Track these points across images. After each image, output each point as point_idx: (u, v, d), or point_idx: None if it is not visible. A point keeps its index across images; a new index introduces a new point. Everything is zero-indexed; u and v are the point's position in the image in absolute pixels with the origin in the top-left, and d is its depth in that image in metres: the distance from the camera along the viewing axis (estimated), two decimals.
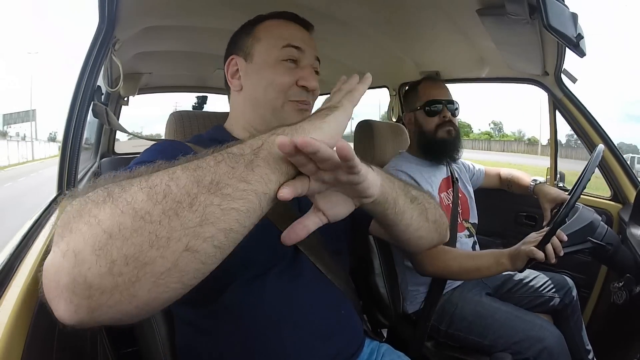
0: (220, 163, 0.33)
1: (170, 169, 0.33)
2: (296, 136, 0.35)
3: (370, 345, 0.68)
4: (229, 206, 0.32)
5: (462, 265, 0.93)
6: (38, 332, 0.44)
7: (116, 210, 0.29)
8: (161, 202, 0.29)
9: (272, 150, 0.36)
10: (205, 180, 0.32)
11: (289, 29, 0.66)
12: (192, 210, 0.30)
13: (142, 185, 0.31)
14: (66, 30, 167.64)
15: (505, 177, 1.36)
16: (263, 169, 0.35)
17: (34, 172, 13.76)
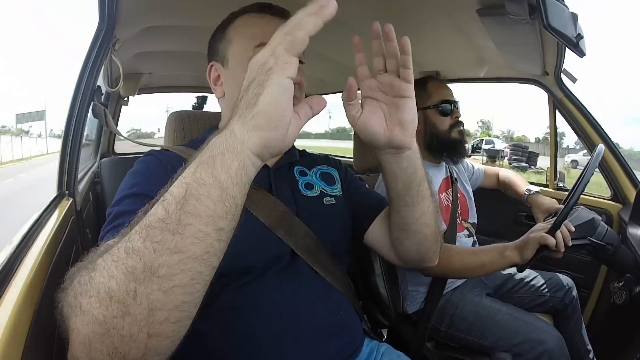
0: (146, 241, 0.31)
1: (106, 262, 0.32)
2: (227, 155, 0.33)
3: (369, 345, 0.68)
4: (169, 285, 0.31)
5: (465, 261, 0.91)
6: (38, 332, 0.44)
7: (84, 320, 0.31)
8: (110, 305, 0.31)
9: (200, 193, 0.32)
10: (137, 269, 0.31)
11: (261, 25, 0.63)
12: (137, 304, 0.31)
13: (89, 287, 0.32)
14: (66, 30, 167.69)
15: (502, 180, 1.36)
16: (194, 227, 0.32)
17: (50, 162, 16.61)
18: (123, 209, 0.51)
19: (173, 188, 0.33)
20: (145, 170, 0.58)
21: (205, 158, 0.34)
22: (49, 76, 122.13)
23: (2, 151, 22.86)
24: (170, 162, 0.60)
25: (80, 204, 0.86)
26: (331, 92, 2.26)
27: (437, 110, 1.14)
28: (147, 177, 0.57)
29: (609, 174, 1.23)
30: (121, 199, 0.53)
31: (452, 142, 1.13)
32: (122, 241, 0.33)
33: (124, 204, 0.52)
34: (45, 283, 0.50)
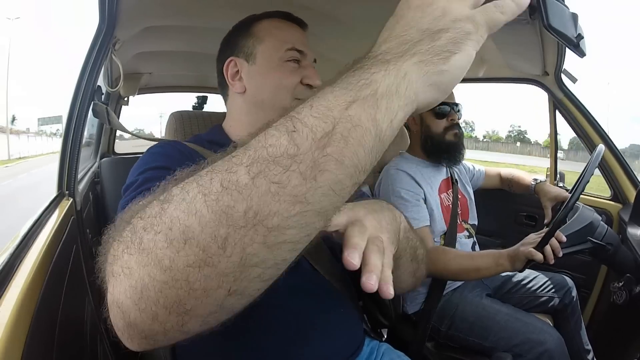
0: (258, 177, 0.23)
1: (187, 197, 0.25)
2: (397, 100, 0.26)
3: (370, 345, 0.68)
4: (278, 240, 0.24)
5: (461, 265, 0.93)
6: (38, 332, 0.44)
7: (142, 259, 0.25)
8: (183, 248, 0.24)
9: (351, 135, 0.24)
10: (237, 211, 0.23)
11: (290, 31, 0.66)
12: (224, 255, 0.23)
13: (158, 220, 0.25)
14: (66, 30, 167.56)
15: (505, 177, 1.36)
16: (333, 174, 0.24)
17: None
18: (151, 175, 0.48)
19: (310, 118, 0.24)
20: (162, 151, 0.58)
21: (367, 93, 0.25)
22: (49, 76, 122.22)
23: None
24: (184, 149, 0.60)
25: (80, 204, 0.87)
26: None
27: (432, 112, 1.13)
28: (165, 156, 0.56)
29: (609, 174, 1.23)
30: (144, 170, 0.50)
31: (447, 145, 1.13)
32: (215, 170, 0.25)
33: (149, 173, 0.49)
34: (45, 283, 0.50)
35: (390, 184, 1.08)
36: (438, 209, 1.10)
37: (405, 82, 0.26)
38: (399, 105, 0.26)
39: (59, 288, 0.58)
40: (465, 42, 0.28)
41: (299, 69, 0.65)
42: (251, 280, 0.25)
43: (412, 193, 1.06)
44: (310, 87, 0.64)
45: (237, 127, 0.69)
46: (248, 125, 0.68)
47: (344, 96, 0.25)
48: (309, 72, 0.64)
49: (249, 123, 0.68)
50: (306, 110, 0.25)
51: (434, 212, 1.08)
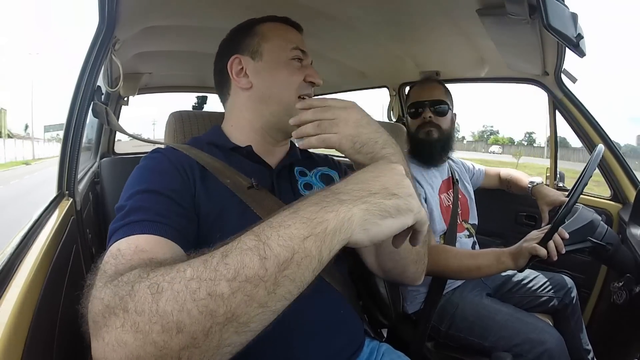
0: (236, 292, 0.32)
1: (179, 299, 0.31)
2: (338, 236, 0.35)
3: (370, 345, 0.68)
4: (245, 329, 0.33)
5: (462, 263, 0.93)
6: (38, 332, 0.44)
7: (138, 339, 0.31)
8: (176, 336, 0.31)
9: (302, 263, 0.33)
10: (218, 313, 0.31)
11: (292, 32, 0.71)
12: (208, 340, 0.31)
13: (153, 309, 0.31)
14: (66, 30, 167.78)
15: (504, 178, 1.36)
16: (286, 288, 0.33)
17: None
18: (136, 204, 0.50)
19: (276, 247, 0.33)
20: (154, 166, 0.58)
21: (319, 231, 0.34)
22: (49, 77, 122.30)
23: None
24: (178, 160, 0.60)
25: (80, 204, 0.86)
26: (331, 92, 2.27)
27: (409, 114, 1.18)
28: (156, 173, 0.56)
29: (609, 174, 1.23)
30: (134, 194, 0.52)
31: (419, 143, 1.14)
32: (202, 279, 0.32)
33: (136, 199, 0.51)
34: (45, 283, 0.50)
35: None
36: (437, 209, 1.10)
37: (347, 223, 0.35)
38: (338, 240, 0.35)
39: (59, 288, 0.58)
40: (404, 214, 0.38)
41: (301, 68, 0.68)
42: (224, 354, 0.33)
43: None
44: (312, 84, 0.68)
45: (238, 126, 0.69)
46: (246, 124, 0.68)
47: (302, 230, 0.34)
48: (311, 71, 0.68)
49: (251, 120, 0.68)
50: (274, 236, 0.34)
51: (433, 212, 1.08)
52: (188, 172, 0.58)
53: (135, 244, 0.43)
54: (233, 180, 0.61)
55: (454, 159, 1.28)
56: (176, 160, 0.60)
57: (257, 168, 0.66)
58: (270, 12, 0.72)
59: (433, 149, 1.12)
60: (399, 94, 1.76)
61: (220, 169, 0.62)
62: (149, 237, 0.45)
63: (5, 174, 16.16)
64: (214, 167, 0.61)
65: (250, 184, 0.61)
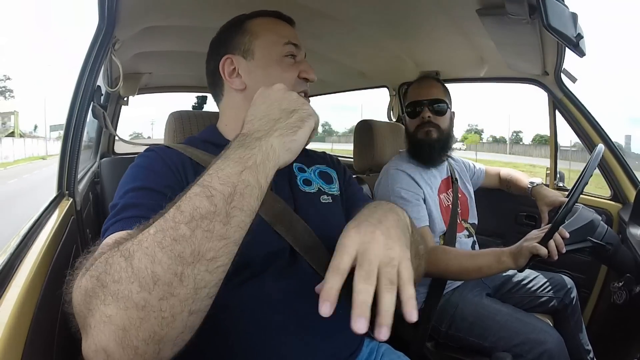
0: (195, 230, 0.34)
1: (148, 248, 0.33)
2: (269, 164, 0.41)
3: (369, 346, 0.68)
4: (214, 266, 0.35)
5: (462, 265, 0.93)
6: (38, 332, 0.44)
7: (120, 306, 0.32)
8: (153, 289, 0.32)
9: (245, 192, 0.37)
10: (185, 254, 0.33)
11: (283, 27, 0.69)
12: (183, 285, 0.33)
13: (128, 272, 0.33)
14: (66, 30, 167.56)
15: (504, 178, 1.36)
16: (239, 217, 0.37)
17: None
18: (130, 201, 0.51)
19: (218, 185, 0.37)
20: (147, 164, 0.58)
21: (250, 164, 0.39)
22: (50, 78, 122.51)
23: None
24: (171, 159, 0.60)
25: (80, 204, 0.87)
26: (331, 92, 2.27)
27: (407, 113, 1.18)
28: (149, 171, 0.57)
29: (609, 174, 1.23)
30: (126, 192, 0.53)
31: (419, 143, 1.13)
32: (164, 229, 0.34)
33: (129, 197, 0.51)
34: (45, 283, 0.50)
35: (390, 183, 1.08)
36: (437, 209, 1.10)
37: (271, 151, 0.42)
38: (269, 167, 0.41)
39: (59, 288, 0.58)
40: (307, 119, 0.45)
41: (295, 64, 0.67)
42: (203, 299, 0.35)
43: (412, 193, 1.06)
44: (306, 80, 0.67)
45: (234, 126, 0.69)
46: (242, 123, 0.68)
47: (237, 167, 0.39)
48: (305, 67, 0.67)
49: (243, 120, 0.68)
50: (214, 179, 0.37)
51: (432, 213, 1.08)
52: (181, 170, 0.59)
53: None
54: None
55: (453, 158, 1.28)
56: (169, 159, 0.60)
57: None
58: (253, 11, 0.70)
59: (432, 149, 1.12)
60: (399, 94, 1.77)
61: None
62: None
63: (29, 166, 20.47)
64: (209, 164, 0.61)
65: None
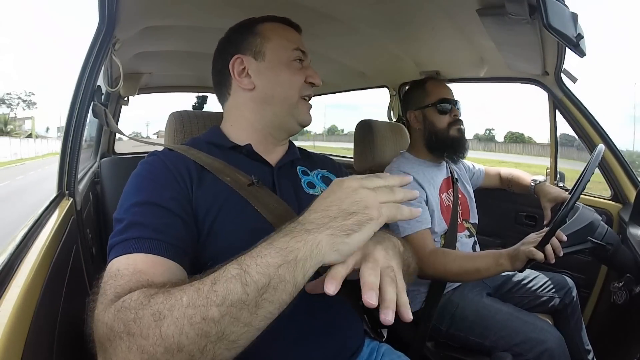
0: (225, 316, 0.37)
1: (179, 324, 0.36)
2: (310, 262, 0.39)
3: (370, 345, 0.68)
4: (234, 346, 0.38)
5: (461, 266, 0.93)
6: (38, 332, 0.44)
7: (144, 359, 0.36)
8: (177, 355, 0.36)
9: (279, 287, 0.38)
10: (211, 333, 0.36)
11: (292, 33, 0.71)
12: (203, 356, 0.37)
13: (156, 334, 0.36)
14: (66, 30, 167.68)
15: (505, 177, 1.36)
16: (266, 309, 0.38)
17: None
18: (135, 219, 0.51)
19: (255, 274, 0.38)
20: (150, 174, 0.58)
21: (290, 259, 0.39)
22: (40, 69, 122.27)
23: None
24: (174, 164, 0.60)
25: (80, 204, 0.86)
26: (331, 92, 2.27)
27: (435, 108, 1.14)
28: (153, 182, 0.57)
29: (609, 174, 1.23)
30: (131, 206, 0.53)
31: (451, 141, 1.13)
32: (197, 306, 0.37)
33: (133, 213, 0.52)
34: (45, 283, 0.50)
35: None
36: (438, 209, 1.10)
37: (317, 249, 0.40)
38: (310, 265, 0.40)
39: (59, 288, 0.58)
40: (367, 224, 0.42)
41: (302, 69, 0.68)
42: None
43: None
44: (312, 85, 0.69)
45: (238, 126, 0.69)
46: (252, 123, 0.68)
47: (277, 258, 0.39)
48: (311, 72, 0.69)
49: (252, 120, 0.68)
50: (253, 265, 0.38)
51: (434, 213, 1.08)
52: (184, 175, 0.59)
53: (134, 265, 0.45)
54: (233, 177, 0.61)
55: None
56: (173, 164, 0.60)
57: (257, 166, 0.67)
58: (270, 12, 0.72)
59: (463, 146, 1.14)
60: (399, 94, 1.77)
61: (220, 167, 0.62)
62: (146, 257, 0.47)
63: (49, 159, 25.25)
64: (213, 166, 0.62)
65: (250, 181, 0.62)
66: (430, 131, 1.15)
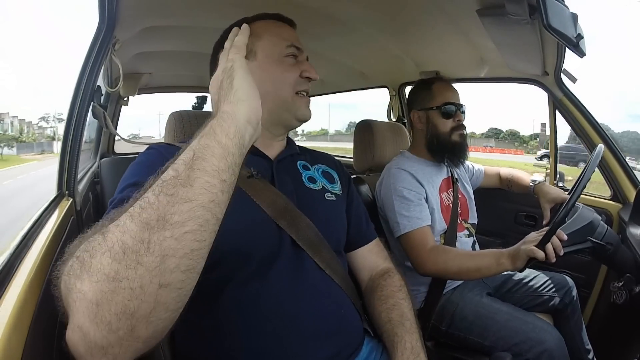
0: (159, 195, 0.35)
1: (120, 221, 0.34)
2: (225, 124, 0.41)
3: (369, 344, 0.68)
4: (181, 232, 0.34)
5: (462, 264, 0.93)
6: (38, 332, 0.44)
7: (92, 280, 0.32)
8: (123, 258, 0.32)
9: (205, 154, 0.38)
10: (151, 220, 0.34)
11: (285, 29, 0.71)
12: (150, 253, 0.32)
13: (102, 246, 0.33)
14: (66, 30, 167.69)
15: (505, 177, 1.36)
16: (201, 179, 0.37)
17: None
18: (127, 195, 0.51)
19: (181, 154, 0.39)
20: (146, 161, 0.60)
21: (206, 130, 0.41)
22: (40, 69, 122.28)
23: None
24: (172, 155, 0.60)
25: (80, 204, 0.86)
26: (331, 92, 2.27)
27: (439, 111, 1.14)
28: (148, 167, 0.57)
29: (609, 174, 1.23)
30: (125, 187, 0.54)
31: (452, 145, 1.13)
32: (135, 200, 0.36)
33: (127, 192, 0.53)
34: (45, 283, 0.50)
35: (392, 182, 1.08)
36: (438, 208, 1.10)
37: (224, 114, 0.43)
38: (227, 125, 0.42)
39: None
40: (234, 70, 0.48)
41: (296, 64, 0.68)
42: (172, 270, 0.33)
43: (415, 192, 1.06)
44: (309, 79, 0.68)
45: None
46: None
47: (196, 138, 0.41)
48: (307, 66, 0.69)
49: None
50: (182, 152, 0.40)
51: (434, 212, 1.08)
52: None
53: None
54: None
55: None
56: (167, 154, 0.60)
57: (257, 159, 0.67)
58: (271, 11, 0.72)
59: (464, 151, 1.14)
60: (399, 94, 1.77)
61: None
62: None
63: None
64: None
65: (249, 174, 0.62)
66: (433, 133, 1.15)
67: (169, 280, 0.33)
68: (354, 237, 0.77)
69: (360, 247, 0.78)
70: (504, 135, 34.68)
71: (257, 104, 0.46)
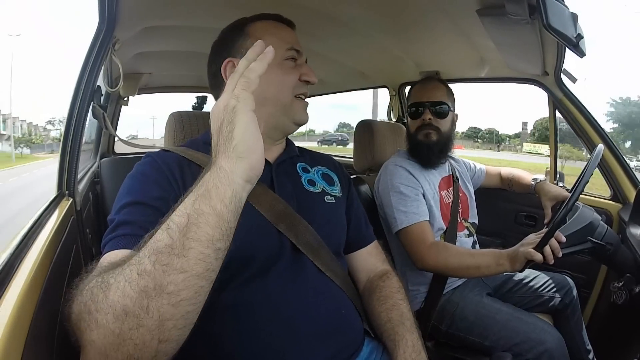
0: (155, 264, 0.37)
1: (120, 286, 0.37)
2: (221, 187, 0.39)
3: (370, 345, 0.68)
4: (177, 299, 0.37)
5: (462, 262, 0.94)
6: (38, 332, 0.44)
7: (100, 333, 0.36)
8: (125, 319, 0.36)
9: (199, 222, 0.37)
10: (149, 288, 0.36)
11: (284, 31, 0.70)
12: (149, 317, 0.36)
13: (104, 304, 0.37)
14: (66, 30, 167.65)
15: (506, 176, 1.36)
16: (195, 250, 0.37)
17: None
18: (123, 218, 0.53)
19: (175, 217, 0.38)
20: (141, 175, 0.60)
21: (202, 191, 0.39)
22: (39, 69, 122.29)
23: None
24: (168, 164, 0.61)
25: (80, 204, 0.86)
26: (331, 92, 2.27)
27: (409, 112, 1.18)
28: (143, 182, 0.58)
29: (608, 174, 1.23)
30: (121, 207, 0.55)
31: (418, 145, 1.13)
32: (132, 264, 0.38)
33: (123, 213, 0.54)
34: (45, 283, 0.50)
35: (389, 179, 1.09)
36: (437, 206, 1.10)
37: (221, 172, 0.40)
38: (224, 189, 0.39)
39: (59, 288, 0.58)
40: (236, 114, 0.41)
41: (296, 67, 0.67)
42: (170, 329, 0.37)
43: (411, 188, 1.06)
44: (307, 83, 0.67)
45: None
46: None
47: (191, 197, 0.39)
48: (306, 70, 0.68)
49: None
50: (175, 212, 0.39)
51: (432, 209, 1.08)
52: (177, 174, 0.60)
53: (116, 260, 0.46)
54: None
55: (455, 158, 1.28)
56: (166, 164, 0.61)
57: None
58: (270, 12, 0.71)
59: (431, 151, 1.12)
60: (399, 94, 1.77)
61: None
62: (129, 252, 0.47)
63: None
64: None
65: None
66: (407, 134, 1.20)
67: (167, 337, 0.37)
68: (353, 239, 0.77)
69: (359, 249, 0.78)
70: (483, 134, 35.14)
71: (258, 159, 0.42)
